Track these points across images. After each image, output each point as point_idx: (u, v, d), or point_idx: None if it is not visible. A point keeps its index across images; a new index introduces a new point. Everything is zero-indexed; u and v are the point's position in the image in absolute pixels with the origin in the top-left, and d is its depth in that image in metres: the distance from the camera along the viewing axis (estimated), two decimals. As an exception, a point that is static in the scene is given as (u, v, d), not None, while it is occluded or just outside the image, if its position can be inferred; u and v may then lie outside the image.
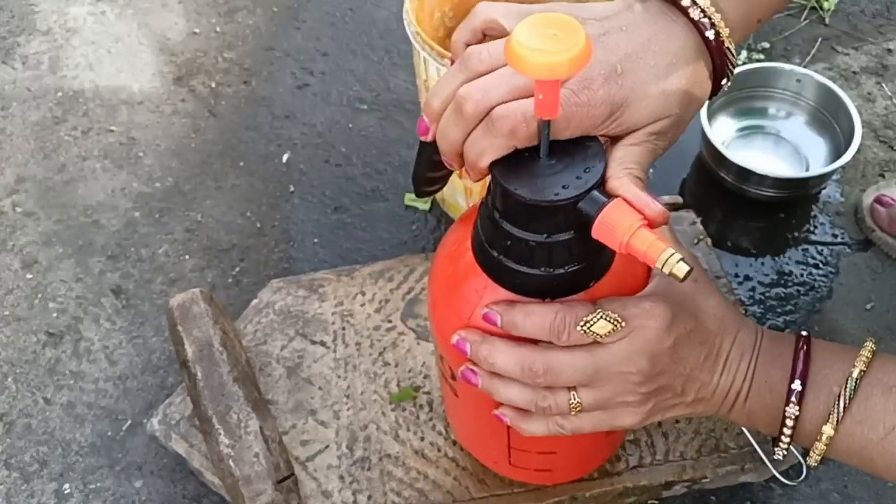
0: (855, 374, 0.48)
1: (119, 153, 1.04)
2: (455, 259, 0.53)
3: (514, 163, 0.46)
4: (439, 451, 0.72)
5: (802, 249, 0.92)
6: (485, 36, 0.50)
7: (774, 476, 0.72)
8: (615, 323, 0.47)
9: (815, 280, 0.89)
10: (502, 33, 0.48)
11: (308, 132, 1.05)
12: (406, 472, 0.71)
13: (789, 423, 0.50)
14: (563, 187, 0.44)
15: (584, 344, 0.48)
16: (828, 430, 0.49)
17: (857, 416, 0.48)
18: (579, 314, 0.47)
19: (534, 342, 0.49)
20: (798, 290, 0.89)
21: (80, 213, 0.98)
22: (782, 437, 0.51)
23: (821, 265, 0.91)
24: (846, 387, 0.48)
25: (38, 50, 1.16)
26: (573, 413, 0.50)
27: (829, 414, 0.48)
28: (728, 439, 0.71)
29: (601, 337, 0.47)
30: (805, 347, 0.50)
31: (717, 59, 0.48)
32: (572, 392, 0.49)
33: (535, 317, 0.48)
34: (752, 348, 0.52)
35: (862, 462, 0.50)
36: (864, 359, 0.49)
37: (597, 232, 0.44)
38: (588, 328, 0.47)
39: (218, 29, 1.18)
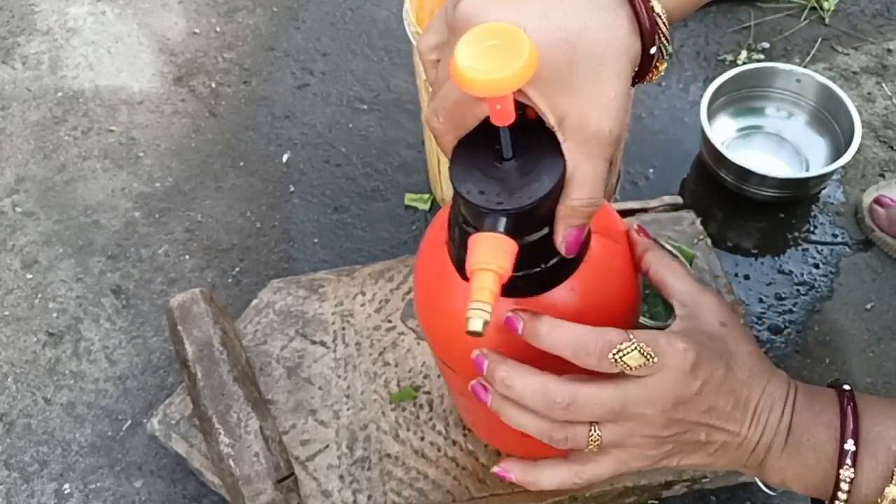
0: None
1: (119, 153, 1.04)
2: (432, 245, 0.53)
3: (480, 154, 0.45)
4: (439, 451, 0.72)
5: (802, 249, 0.92)
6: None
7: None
8: (648, 357, 0.44)
9: (815, 280, 0.89)
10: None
11: (308, 132, 1.05)
12: (406, 472, 0.71)
13: (844, 486, 0.46)
14: (480, 192, 0.43)
15: (610, 377, 0.45)
16: (892, 491, 0.45)
17: None
18: (613, 340, 0.44)
19: (553, 369, 0.46)
20: (798, 290, 0.89)
21: (80, 213, 0.98)
22: (836, 502, 0.47)
23: (821, 265, 0.91)
24: None
25: (38, 50, 1.16)
26: (591, 446, 0.47)
27: (893, 473, 0.45)
28: (728, 439, 0.71)
29: (630, 368, 0.44)
30: (851, 403, 0.47)
31: (643, 18, 0.42)
32: (594, 425, 0.46)
33: (562, 332, 0.45)
34: (783, 400, 0.48)
35: None
36: None
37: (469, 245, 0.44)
38: (620, 357, 0.44)
39: (218, 29, 1.18)
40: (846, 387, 0.48)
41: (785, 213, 0.95)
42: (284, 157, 1.03)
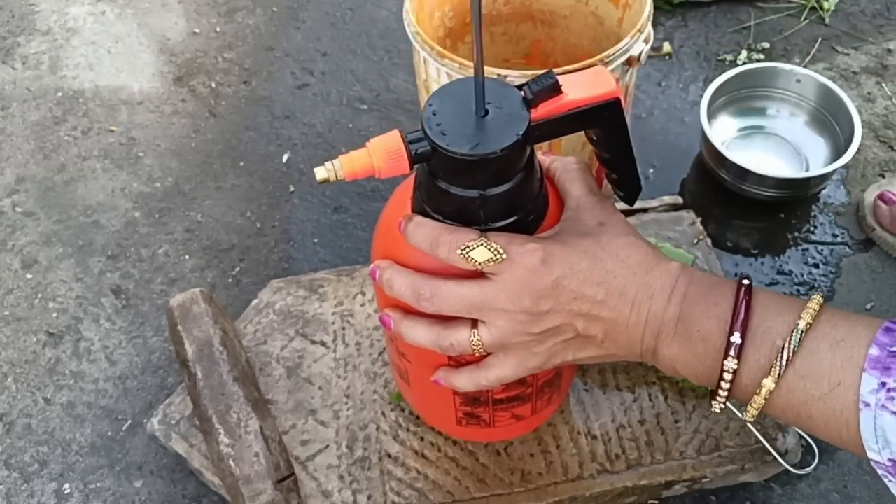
0: (801, 327, 0.46)
1: (119, 153, 1.04)
2: (396, 205, 0.56)
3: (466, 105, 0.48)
4: (439, 451, 0.72)
5: (802, 249, 0.92)
6: None
7: (776, 475, 0.72)
8: (495, 253, 0.48)
9: (815, 280, 0.89)
10: None
11: (308, 132, 1.05)
12: (406, 472, 0.71)
13: (727, 377, 0.48)
14: (443, 133, 0.47)
15: (472, 276, 0.50)
16: (768, 383, 0.46)
17: (801, 370, 0.46)
18: (463, 238, 0.48)
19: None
20: (798, 290, 0.89)
21: (80, 213, 0.98)
22: (719, 392, 0.49)
23: (821, 265, 0.91)
24: (790, 339, 0.46)
25: (38, 50, 1.16)
26: (476, 350, 0.51)
27: (771, 367, 0.46)
28: (728, 439, 0.71)
29: (480, 265, 0.48)
30: (746, 298, 0.48)
31: None
32: (473, 330, 0.50)
33: (424, 228, 0.50)
34: (668, 291, 0.50)
35: (798, 419, 0.47)
36: (811, 311, 0.47)
37: None
38: (466, 252, 0.48)
39: (218, 29, 1.18)
40: (746, 281, 0.49)
41: (785, 213, 0.95)
42: (284, 157, 1.03)
